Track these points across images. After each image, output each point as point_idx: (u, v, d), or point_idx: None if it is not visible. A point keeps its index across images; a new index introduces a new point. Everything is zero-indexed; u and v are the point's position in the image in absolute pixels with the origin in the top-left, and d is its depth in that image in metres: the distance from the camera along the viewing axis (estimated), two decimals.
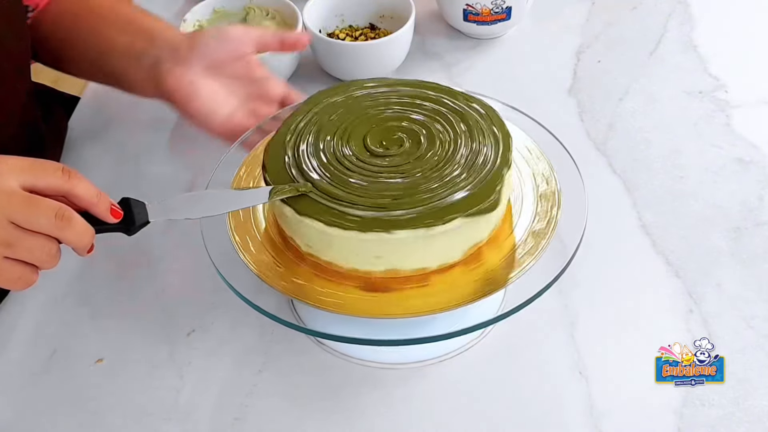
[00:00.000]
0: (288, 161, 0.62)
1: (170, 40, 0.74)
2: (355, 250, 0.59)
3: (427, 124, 0.64)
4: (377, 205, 0.58)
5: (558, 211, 0.63)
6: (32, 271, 0.55)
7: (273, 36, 0.75)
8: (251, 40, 0.74)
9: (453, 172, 0.60)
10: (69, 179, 0.54)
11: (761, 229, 0.75)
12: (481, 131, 0.63)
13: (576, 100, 0.89)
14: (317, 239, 0.60)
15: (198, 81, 0.72)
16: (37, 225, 0.53)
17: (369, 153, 0.62)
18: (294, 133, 0.64)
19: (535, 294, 0.59)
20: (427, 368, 0.67)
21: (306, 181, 0.60)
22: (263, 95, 0.75)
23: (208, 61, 0.72)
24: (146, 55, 0.73)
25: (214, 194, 0.63)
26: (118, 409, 0.66)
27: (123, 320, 0.72)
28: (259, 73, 0.75)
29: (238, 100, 0.74)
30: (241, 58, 0.73)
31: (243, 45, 0.73)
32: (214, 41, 0.73)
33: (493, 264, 0.61)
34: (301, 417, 0.65)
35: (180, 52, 0.72)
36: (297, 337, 0.70)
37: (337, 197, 0.59)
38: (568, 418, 0.64)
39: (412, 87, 0.68)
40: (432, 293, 0.60)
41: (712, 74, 0.91)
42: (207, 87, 0.72)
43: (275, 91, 0.75)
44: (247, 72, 0.74)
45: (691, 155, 0.82)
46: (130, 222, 0.57)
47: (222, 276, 0.61)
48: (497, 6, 0.92)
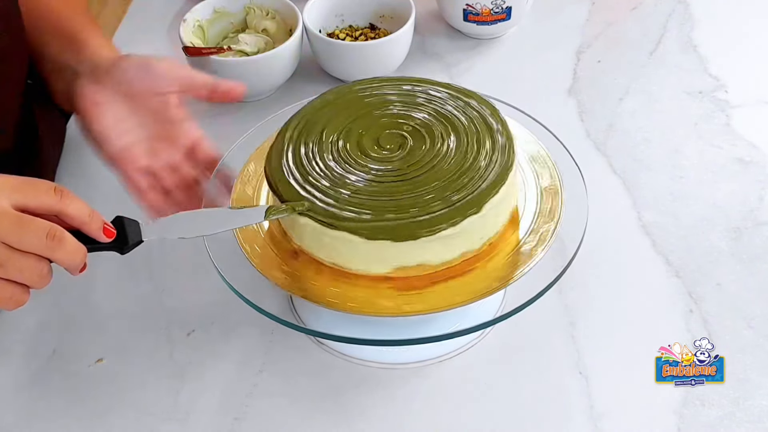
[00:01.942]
0: (288, 167, 0.62)
1: (93, 58, 0.71)
2: (352, 251, 0.59)
3: (432, 127, 0.64)
4: (370, 209, 0.58)
5: (560, 212, 0.63)
6: (23, 291, 0.54)
7: (204, 82, 0.71)
8: (177, 79, 0.70)
9: (453, 177, 0.60)
10: (61, 198, 0.53)
11: (761, 229, 0.75)
12: (486, 135, 0.63)
13: (576, 100, 0.89)
14: (309, 237, 0.60)
15: (105, 104, 0.69)
16: (29, 245, 0.52)
17: (369, 154, 0.63)
18: (293, 137, 0.65)
19: (536, 294, 0.59)
20: (427, 368, 0.67)
21: (306, 185, 0.61)
22: (171, 138, 0.71)
23: (125, 88, 0.69)
24: (68, 69, 0.72)
25: (209, 213, 0.62)
26: (118, 409, 0.66)
27: (123, 320, 0.72)
28: (173, 114, 0.71)
29: (142, 135, 0.70)
30: (159, 94, 0.70)
31: (164, 81, 0.70)
32: (134, 69, 0.69)
33: (496, 264, 0.61)
34: (301, 417, 0.65)
35: (97, 72, 0.70)
36: (297, 337, 0.70)
37: (333, 205, 0.59)
38: (568, 418, 0.64)
39: (416, 84, 0.68)
40: (433, 293, 0.60)
41: (712, 74, 0.91)
42: (113, 113, 0.69)
43: (185, 137, 0.71)
44: (162, 110, 0.70)
45: (691, 155, 0.82)
46: (123, 241, 0.57)
47: (222, 276, 0.61)
48: (497, 6, 0.92)
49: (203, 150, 0.71)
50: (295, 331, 0.68)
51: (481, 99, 0.67)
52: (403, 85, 0.68)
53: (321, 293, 0.60)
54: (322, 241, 0.60)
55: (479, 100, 0.66)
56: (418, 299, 0.59)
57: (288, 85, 0.91)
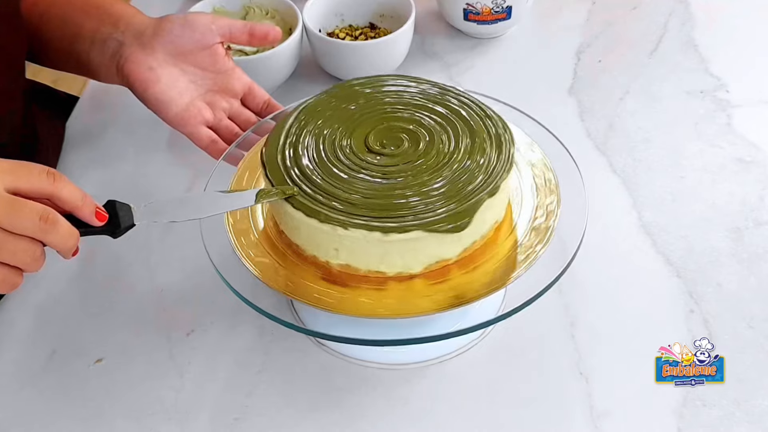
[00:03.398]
0: (285, 157, 0.63)
1: (135, 25, 0.73)
2: (317, 239, 0.60)
3: (432, 131, 0.64)
4: (348, 201, 0.59)
5: (557, 212, 0.63)
6: (16, 274, 0.54)
7: (242, 27, 0.74)
8: (218, 29, 0.73)
9: (435, 184, 0.60)
10: (54, 182, 0.54)
11: (761, 229, 0.75)
12: (485, 142, 0.63)
13: (576, 100, 0.89)
14: (287, 222, 0.61)
15: (158, 67, 0.71)
16: (21, 228, 0.52)
17: (366, 150, 0.63)
18: (294, 131, 0.65)
19: (536, 294, 0.59)
20: (427, 368, 0.67)
21: (298, 172, 0.61)
22: (225, 88, 0.75)
23: (172, 49, 0.71)
24: (111, 40, 0.73)
25: (200, 197, 0.63)
26: (118, 409, 0.66)
27: (123, 320, 0.72)
28: (223, 65, 0.74)
29: (197, 91, 0.74)
30: (206, 47, 0.73)
31: (209, 34, 0.72)
32: (179, 28, 0.72)
33: (493, 265, 0.61)
34: (301, 417, 0.65)
35: (143, 38, 0.71)
36: (297, 338, 0.70)
37: (320, 192, 0.59)
38: (568, 418, 0.64)
39: (419, 83, 0.68)
40: (432, 293, 0.60)
41: (712, 74, 0.91)
42: (167, 74, 0.72)
43: (238, 84, 0.75)
44: (212, 63, 0.74)
45: (691, 155, 0.82)
46: (115, 225, 0.57)
47: (222, 276, 0.61)
48: (497, 5, 0.92)
49: (256, 94, 0.76)
50: (295, 331, 0.68)
51: (476, 101, 0.67)
52: (406, 82, 0.68)
53: (317, 295, 0.60)
54: (300, 230, 0.60)
55: (475, 101, 0.66)
56: (417, 299, 0.59)
57: (288, 85, 0.91)
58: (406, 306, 0.59)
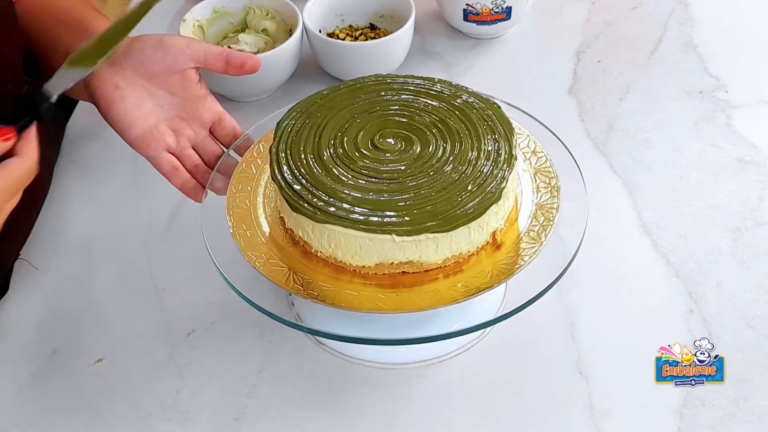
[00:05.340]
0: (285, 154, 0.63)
1: None
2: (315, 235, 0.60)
3: (432, 131, 0.64)
4: (339, 199, 0.59)
5: (557, 212, 0.63)
6: None
7: (218, 54, 0.70)
8: (192, 54, 0.69)
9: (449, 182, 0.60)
10: None
11: (761, 229, 0.75)
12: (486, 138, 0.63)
13: (576, 100, 0.89)
14: (290, 217, 0.61)
15: (125, 87, 0.68)
16: None
17: (368, 148, 0.63)
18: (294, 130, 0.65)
19: (536, 294, 0.59)
20: (427, 368, 0.67)
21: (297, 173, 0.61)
22: (193, 116, 0.71)
23: (141, 69, 0.69)
24: None
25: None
26: (118, 409, 0.66)
27: (123, 320, 0.72)
28: (194, 92, 0.71)
29: (164, 115, 0.70)
30: (178, 71, 0.69)
31: (182, 58, 0.69)
32: (150, 49, 0.69)
33: (495, 262, 0.61)
34: (300, 417, 0.65)
35: (114, 55, 0.68)
36: (297, 338, 0.70)
37: (319, 188, 0.60)
38: (568, 418, 0.64)
39: (422, 81, 0.68)
40: (435, 290, 0.60)
41: (712, 74, 0.91)
42: (133, 95, 0.68)
43: (207, 114, 0.71)
44: (182, 88, 0.70)
45: (691, 155, 0.82)
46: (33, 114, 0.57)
47: (222, 275, 0.61)
48: (497, 6, 0.92)
49: (226, 125, 0.72)
50: (295, 331, 0.68)
51: (483, 98, 0.67)
52: (409, 81, 0.68)
53: (319, 290, 0.60)
54: (305, 227, 0.60)
55: (482, 99, 0.66)
56: (419, 295, 0.59)
57: (288, 85, 0.91)
58: (416, 301, 0.59)
